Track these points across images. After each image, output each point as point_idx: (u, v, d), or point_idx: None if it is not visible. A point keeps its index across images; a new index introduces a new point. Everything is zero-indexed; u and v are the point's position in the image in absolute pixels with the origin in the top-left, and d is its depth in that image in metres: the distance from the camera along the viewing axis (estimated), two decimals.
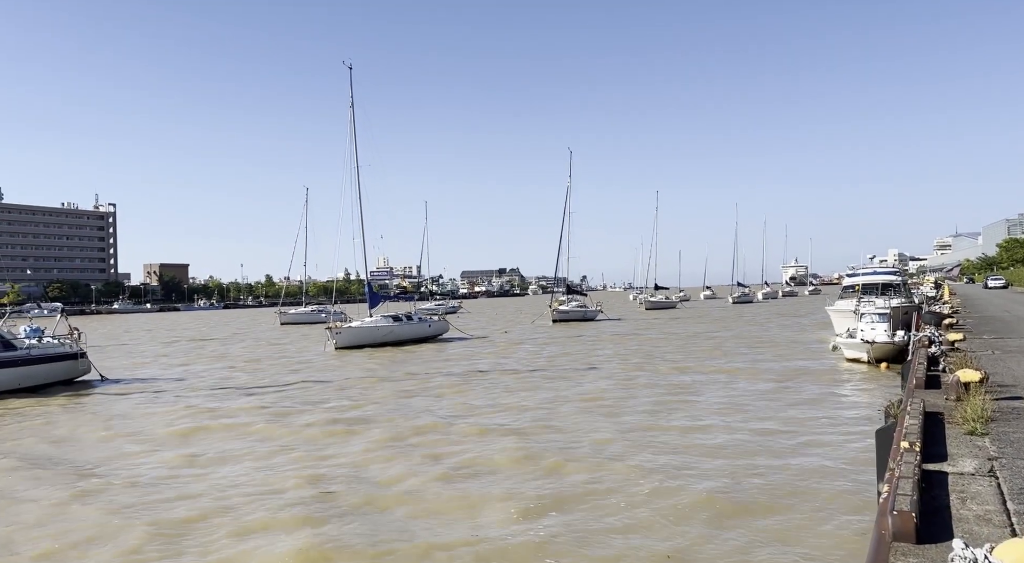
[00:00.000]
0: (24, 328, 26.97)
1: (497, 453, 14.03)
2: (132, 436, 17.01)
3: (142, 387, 26.41)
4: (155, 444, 16.02)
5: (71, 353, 26.92)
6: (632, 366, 28.67)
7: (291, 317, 79.19)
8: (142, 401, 22.80)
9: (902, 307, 30.50)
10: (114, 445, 16.05)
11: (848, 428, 15.53)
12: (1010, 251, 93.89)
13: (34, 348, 25.64)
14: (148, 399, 23.24)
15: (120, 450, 15.50)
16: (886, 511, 5.10)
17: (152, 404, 22.15)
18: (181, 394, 24.23)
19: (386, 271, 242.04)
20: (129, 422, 19.02)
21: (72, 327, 28.04)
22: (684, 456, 13.51)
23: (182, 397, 23.47)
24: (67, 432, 17.76)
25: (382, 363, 32.91)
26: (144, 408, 21.36)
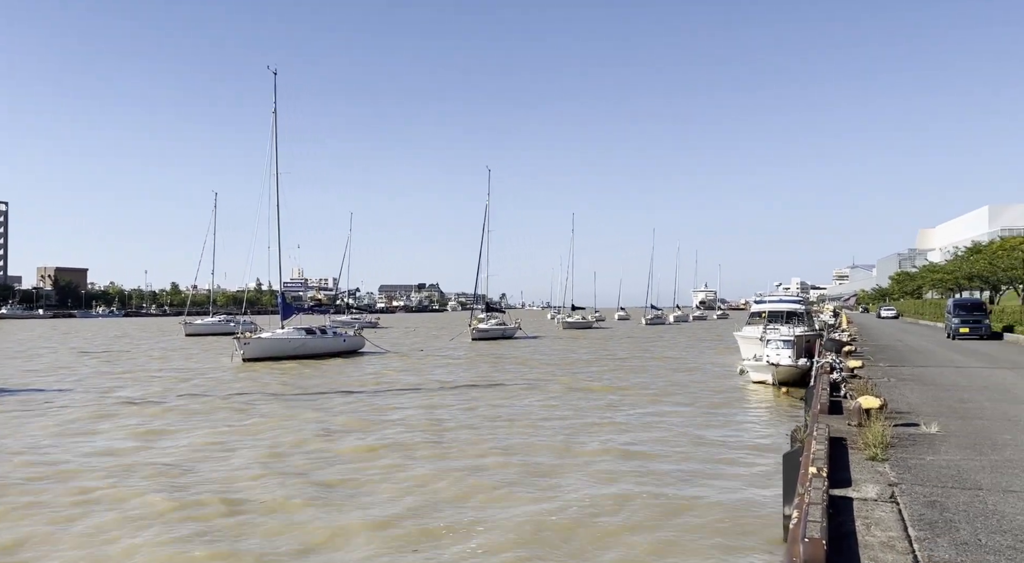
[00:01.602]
0: None
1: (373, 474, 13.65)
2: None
3: (22, 399, 24.52)
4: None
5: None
6: (546, 386, 28.75)
7: (197, 327, 75.86)
8: (34, 413, 21.14)
9: (805, 335, 31.85)
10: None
11: (750, 453, 15.94)
12: (901, 283, 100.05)
13: None
14: (30, 411, 21.58)
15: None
16: (797, 538, 5.15)
17: (19, 416, 20.57)
18: (56, 405, 22.62)
19: (301, 282, 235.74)
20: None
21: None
22: (583, 472, 13.52)
23: (56, 409, 21.90)
24: None
25: (287, 378, 31.82)
26: (26, 421, 19.81)
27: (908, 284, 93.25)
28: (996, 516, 5.81)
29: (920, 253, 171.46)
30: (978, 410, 11.46)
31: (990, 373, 17.41)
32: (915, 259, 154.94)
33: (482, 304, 74.47)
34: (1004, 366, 19.38)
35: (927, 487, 6.73)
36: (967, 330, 33.44)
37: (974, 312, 34.75)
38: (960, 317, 34.26)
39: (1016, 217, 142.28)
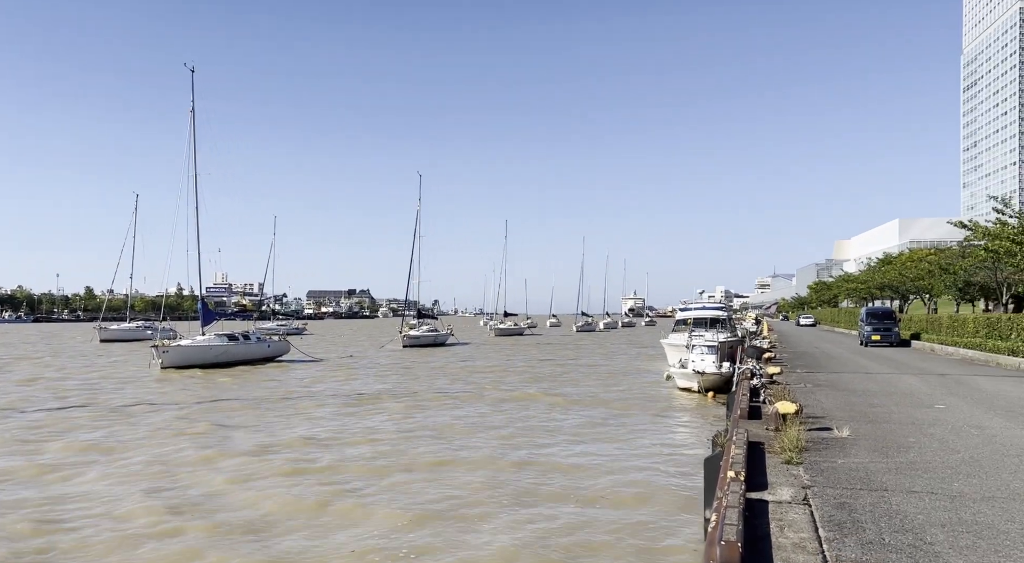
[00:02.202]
0: None
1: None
2: None
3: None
4: None
5: None
6: (471, 393, 28.68)
7: (113, 333, 72.52)
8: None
9: (728, 341, 32.81)
10: None
11: (675, 458, 16.27)
12: (819, 292, 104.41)
13: None
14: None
15: None
16: (715, 540, 5.26)
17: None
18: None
19: (224, 288, 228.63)
20: None
21: None
22: (507, 478, 13.54)
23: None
24: None
25: (206, 385, 30.75)
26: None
27: (825, 293, 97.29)
28: (899, 516, 6.08)
29: (836, 263, 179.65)
30: (886, 414, 12.01)
31: (898, 379, 18.31)
32: (832, 269, 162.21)
33: (414, 310, 73.89)
34: (910, 372, 20.42)
35: (837, 489, 6.99)
36: (878, 337, 35.11)
37: (884, 320, 36.52)
38: (872, 325, 35.95)
39: (924, 230, 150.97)
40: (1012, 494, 6.84)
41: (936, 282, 46.86)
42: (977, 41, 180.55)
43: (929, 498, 6.67)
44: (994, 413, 12.17)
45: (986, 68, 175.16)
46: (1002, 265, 32.51)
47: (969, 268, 38.35)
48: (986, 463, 8.21)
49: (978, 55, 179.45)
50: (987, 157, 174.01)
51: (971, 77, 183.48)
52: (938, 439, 9.70)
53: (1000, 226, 30.23)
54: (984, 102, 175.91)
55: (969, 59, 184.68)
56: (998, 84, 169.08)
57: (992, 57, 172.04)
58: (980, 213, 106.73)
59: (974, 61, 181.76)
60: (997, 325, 24.80)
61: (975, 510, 6.27)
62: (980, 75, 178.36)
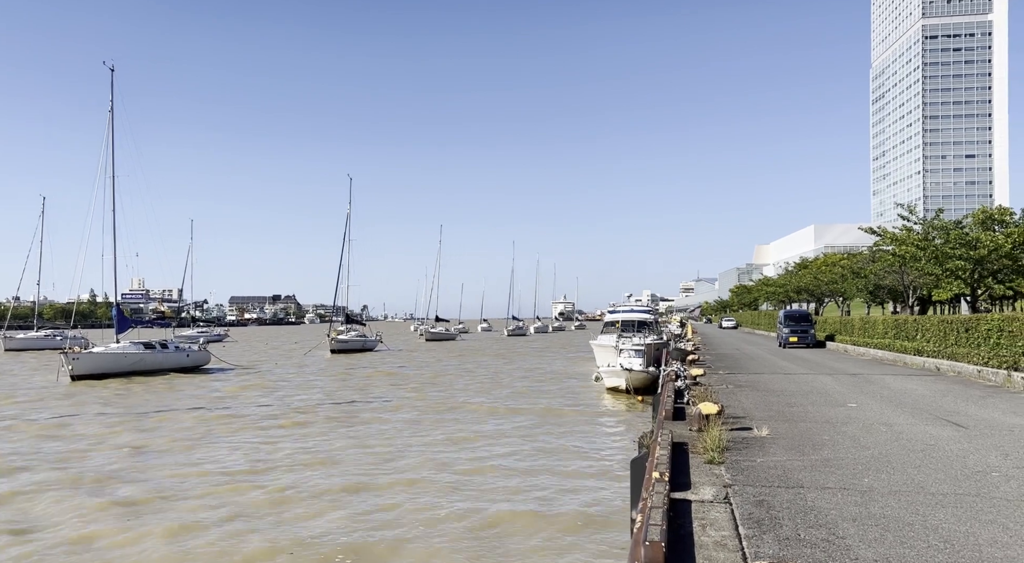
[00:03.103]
0: None
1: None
2: None
3: None
4: None
5: None
6: (401, 401, 28.37)
7: (19, 343, 68.49)
8: None
9: (654, 344, 33.52)
10: None
11: (602, 459, 16.49)
12: (740, 296, 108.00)
13: None
14: None
15: None
16: (640, 541, 5.33)
17: None
18: None
19: (141, 294, 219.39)
20: None
21: None
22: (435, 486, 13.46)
23: None
24: None
25: (121, 397, 29.40)
26: None
27: (746, 296, 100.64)
28: (814, 512, 6.30)
29: (756, 267, 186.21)
30: (803, 413, 12.48)
31: (813, 379, 19.06)
32: (752, 273, 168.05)
33: (342, 316, 72.59)
34: (825, 372, 21.31)
35: (757, 487, 7.20)
36: (795, 339, 36.49)
37: (801, 323, 37.97)
38: (789, 327, 37.33)
39: (838, 235, 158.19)
40: (917, 488, 7.19)
41: (848, 285, 49.12)
42: (884, 56, 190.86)
43: (842, 494, 6.95)
44: (901, 410, 12.81)
45: (892, 81, 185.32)
46: (908, 269, 34.34)
47: (879, 272, 40.37)
48: (894, 458, 8.62)
49: (885, 69, 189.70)
50: (895, 166, 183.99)
51: (879, 90, 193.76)
52: (850, 437, 10.13)
53: (906, 232, 31.97)
54: (891, 114, 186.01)
55: (877, 73, 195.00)
56: (903, 97, 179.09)
57: (898, 71, 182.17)
58: (889, 220, 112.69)
59: (882, 74, 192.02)
60: (904, 326, 26.13)
61: (883, 504, 6.57)
62: (887, 88, 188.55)
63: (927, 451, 9.05)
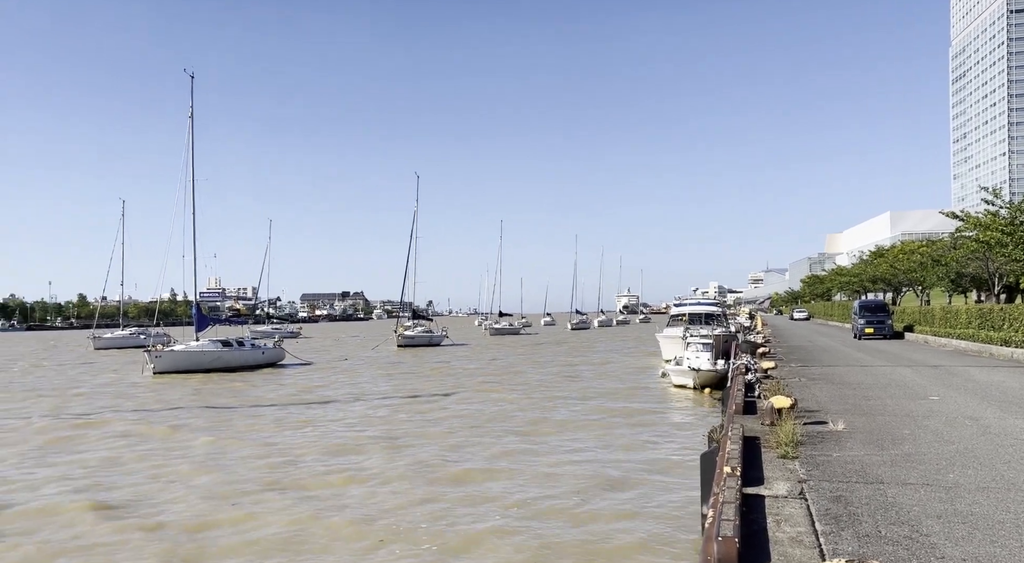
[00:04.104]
0: None
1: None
2: None
3: None
4: None
5: None
6: (472, 392, 28.67)
7: (107, 341, 72.02)
8: None
9: (723, 336, 32.88)
10: None
11: (672, 454, 16.31)
12: (812, 286, 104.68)
13: None
14: None
15: None
16: (712, 536, 5.26)
17: None
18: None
19: (218, 292, 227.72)
20: None
21: None
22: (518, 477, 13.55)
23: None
24: None
25: (201, 392, 30.65)
26: None
27: (818, 287, 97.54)
28: (895, 508, 6.09)
29: (829, 257, 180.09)
30: (880, 407, 12.04)
31: (892, 371, 18.36)
32: (824, 263, 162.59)
33: (408, 312, 73.77)
34: (904, 364, 20.49)
35: (833, 483, 7.00)
36: (872, 330, 35.22)
37: (878, 313, 36.62)
38: (865, 318, 36.05)
39: (915, 222, 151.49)
40: (1007, 484, 6.86)
41: (928, 274, 47.01)
42: (965, 33, 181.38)
43: (925, 490, 6.69)
44: (988, 404, 12.22)
45: (974, 59, 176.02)
46: (993, 255, 32.64)
47: (961, 259, 38.48)
48: (981, 454, 8.24)
49: (966, 47, 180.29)
50: (977, 148, 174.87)
51: (960, 69, 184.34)
52: (933, 431, 9.73)
53: (990, 217, 30.36)
54: (973, 93, 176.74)
55: (957, 51, 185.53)
56: (986, 75, 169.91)
57: (980, 48, 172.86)
58: (971, 204, 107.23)
59: (962, 53, 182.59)
60: (989, 316, 24.89)
61: (970, 501, 6.29)
62: (968, 67, 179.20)
63: (1018, 446, 8.62)
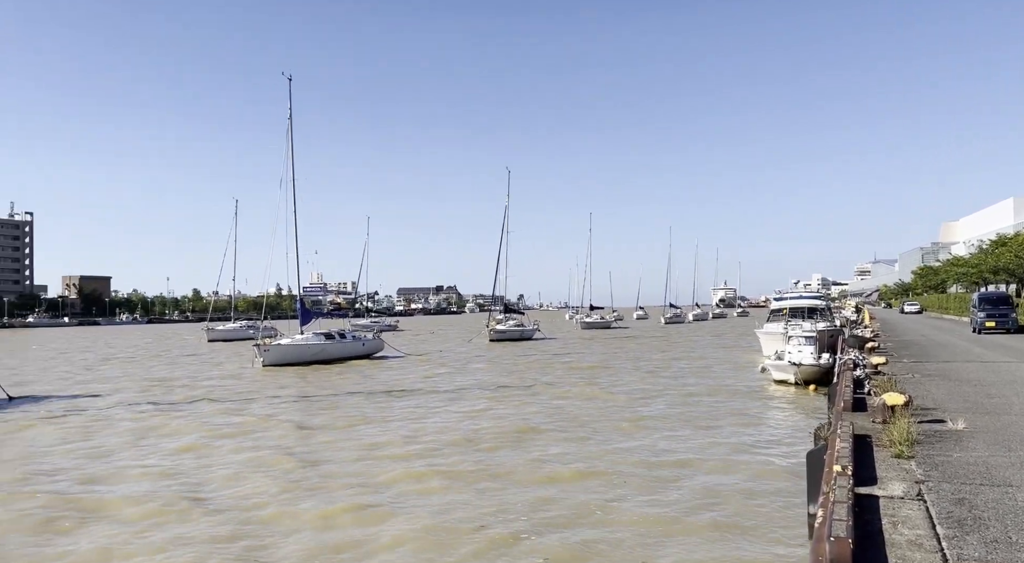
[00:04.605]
0: None
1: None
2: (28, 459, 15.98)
3: (46, 407, 24.93)
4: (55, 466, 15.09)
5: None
6: (569, 385, 28.71)
7: (219, 333, 76.67)
8: (42, 422, 21.49)
9: (827, 331, 31.53)
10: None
11: (776, 450, 15.81)
12: (924, 278, 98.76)
13: None
14: (54, 419, 21.92)
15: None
16: (823, 537, 5.09)
17: (59, 424, 20.90)
18: (91, 413, 22.97)
19: (319, 287, 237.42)
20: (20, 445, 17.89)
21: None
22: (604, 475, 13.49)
23: (92, 417, 22.25)
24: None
25: (307, 383, 32.04)
26: (47, 428, 20.14)
27: (931, 278, 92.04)
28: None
29: (943, 247, 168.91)
30: (1006, 406, 11.26)
31: (1017, 367, 17.12)
32: (938, 253, 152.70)
33: (500, 305, 74.55)
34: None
35: (955, 484, 6.62)
36: (993, 324, 32.92)
37: (1000, 306, 34.22)
38: (985, 311, 33.75)
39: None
40: None
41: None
42: None
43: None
44: None
45: None
46: None
47: None
48: None
49: None
50: None
51: None
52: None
53: None
54: None
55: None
56: None
57: None
58: None
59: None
60: None
61: None
62: None
63: None
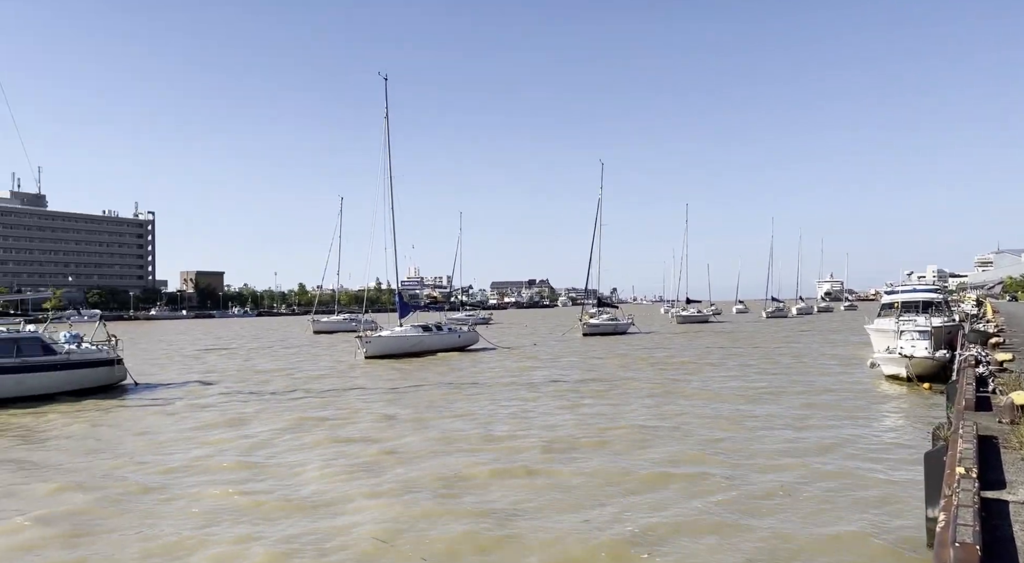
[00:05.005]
0: (64, 334, 27.43)
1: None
2: (154, 442, 17.16)
3: (172, 393, 26.71)
4: (175, 450, 16.14)
5: (108, 359, 27.34)
6: (664, 382, 28.27)
7: (324, 325, 79.94)
8: (170, 407, 23.03)
9: (944, 326, 29.68)
10: (136, 450, 16.19)
11: (889, 451, 15.05)
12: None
13: (73, 353, 26.06)
14: (176, 406, 23.47)
15: (141, 457, 15.63)
16: (947, 542, 4.84)
17: (180, 411, 22.36)
18: (209, 400, 24.45)
19: (416, 281, 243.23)
20: (151, 429, 19.21)
21: (110, 334, 28.51)
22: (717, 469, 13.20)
23: (210, 403, 23.68)
24: (91, 437, 17.99)
25: (410, 373, 32.93)
26: (171, 415, 21.58)
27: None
28: None
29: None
30: None
31: None
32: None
33: (593, 299, 74.13)
34: None
35: None
36: None
37: None
38: None
39: None
40: None
41: None
42: None
43: None
44: None
45: None
46: None
47: None
48: None
49: None
50: None
51: None
52: None
53: None
54: None
55: None
56: None
57: None
58: None
59: None
60: None
61: None
62: None
63: None
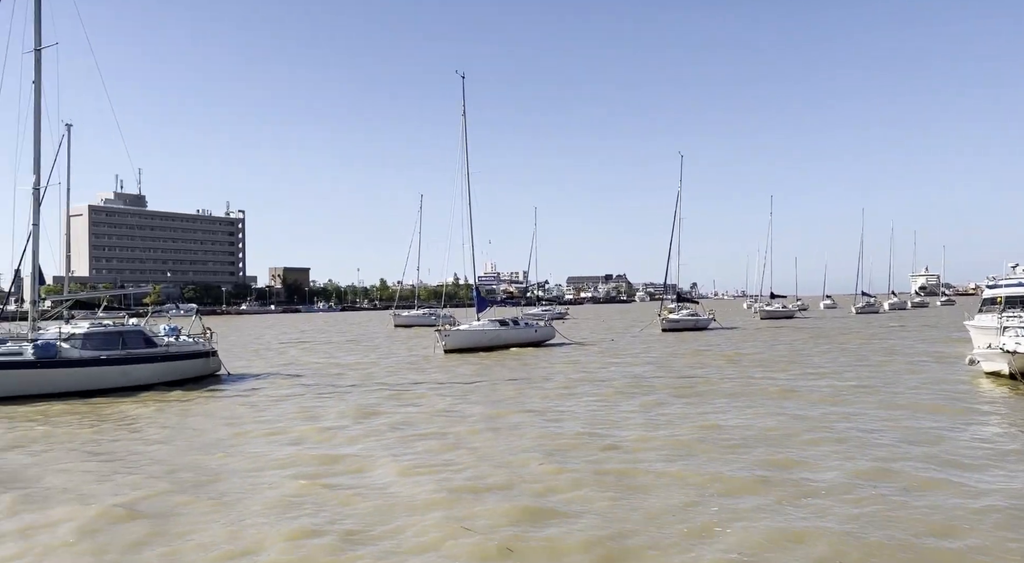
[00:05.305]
0: (164, 327, 29.05)
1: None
2: (247, 432, 17.89)
3: (264, 384, 27.82)
4: (272, 440, 16.75)
5: (204, 351, 28.78)
6: (753, 382, 27.54)
7: (404, 320, 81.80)
8: (263, 397, 23.98)
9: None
10: (231, 440, 16.91)
11: (1008, 459, 14.19)
12: None
13: (172, 346, 27.54)
14: (269, 395, 24.41)
15: (236, 446, 16.29)
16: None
17: (273, 400, 23.25)
18: (300, 392, 25.33)
19: (493, 276, 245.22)
20: (239, 419, 20.03)
21: (205, 327, 30.00)
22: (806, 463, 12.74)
23: (299, 395, 24.53)
24: (192, 427, 18.91)
25: (488, 367, 33.22)
26: (264, 405, 22.47)
27: None
28: None
29: None
30: None
31: None
32: None
33: (672, 294, 72.89)
34: None
35: None
36: None
37: None
38: None
39: None
40: None
41: None
42: None
43: None
44: None
45: None
46: None
47: None
48: None
49: None
50: None
51: None
52: None
53: None
54: None
55: None
56: None
57: None
58: None
59: None
60: None
61: None
62: None
63: None
